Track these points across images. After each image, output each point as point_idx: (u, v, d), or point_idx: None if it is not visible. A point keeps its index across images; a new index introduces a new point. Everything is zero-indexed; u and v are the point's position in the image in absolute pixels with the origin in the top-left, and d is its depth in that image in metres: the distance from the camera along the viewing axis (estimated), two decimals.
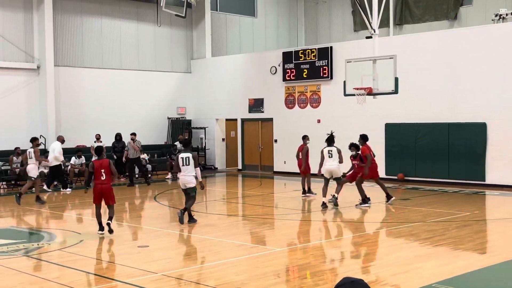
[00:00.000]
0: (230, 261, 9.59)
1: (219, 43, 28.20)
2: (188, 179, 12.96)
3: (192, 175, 12.95)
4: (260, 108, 25.08)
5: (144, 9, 25.76)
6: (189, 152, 13.22)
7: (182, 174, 12.99)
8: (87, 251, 10.38)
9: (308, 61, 23.12)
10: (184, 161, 12.90)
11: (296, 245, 11.00)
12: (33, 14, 22.89)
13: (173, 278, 8.46)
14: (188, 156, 12.96)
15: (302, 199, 16.55)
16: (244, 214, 15.19)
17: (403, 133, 20.65)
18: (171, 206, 16.44)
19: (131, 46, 25.69)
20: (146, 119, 25.85)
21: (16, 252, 10.27)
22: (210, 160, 26.91)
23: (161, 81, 26.54)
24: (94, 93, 24.36)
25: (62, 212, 15.98)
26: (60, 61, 23.50)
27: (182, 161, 12.90)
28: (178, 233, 12.14)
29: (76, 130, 23.67)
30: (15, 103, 22.49)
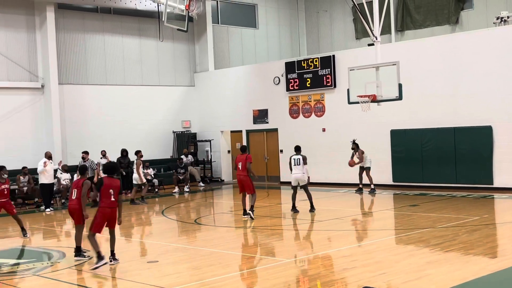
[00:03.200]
0: (240, 273, 9.55)
1: (221, 55, 28.29)
2: (299, 176, 15.63)
3: (302, 172, 15.64)
4: (264, 119, 25.10)
5: (146, 25, 25.89)
6: (299, 155, 15.80)
7: (295, 172, 15.67)
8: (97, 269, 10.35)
9: (311, 70, 23.15)
10: (296, 161, 15.67)
11: (305, 256, 10.96)
12: (36, 33, 23.04)
13: None
14: (299, 157, 15.72)
15: None
16: (252, 225, 15.15)
17: (408, 139, 20.61)
18: (179, 220, 16.42)
19: (134, 62, 25.80)
20: (151, 133, 25.91)
21: (26, 272, 10.27)
22: (216, 173, 26.91)
23: (165, 96, 26.61)
24: (98, 110, 24.45)
25: (70, 229, 15.97)
26: (64, 79, 23.61)
27: (294, 161, 15.69)
28: (187, 247, 12.12)
29: (82, 147, 23.67)
30: (21, 123, 22.59)
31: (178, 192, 23.09)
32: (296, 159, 15.85)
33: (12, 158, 21.75)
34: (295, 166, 15.83)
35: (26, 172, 20.31)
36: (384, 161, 21.22)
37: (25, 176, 20.22)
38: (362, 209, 17.50)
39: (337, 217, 15.00)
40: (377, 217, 15.33)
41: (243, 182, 15.41)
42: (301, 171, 15.74)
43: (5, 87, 22.24)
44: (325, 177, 22.74)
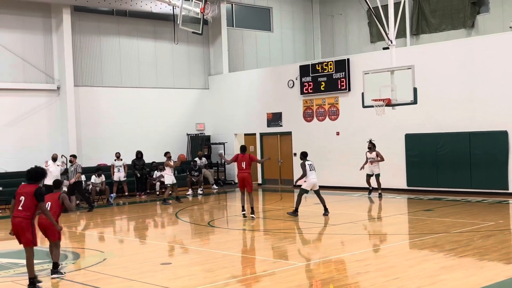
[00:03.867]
0: (253, 276, 9.56)
1: (236, 58, 28.35)
2: (316, 181, 15.81)
3: None
4: (278, 122, 25.10)
5: (161, 28, 26.02)
6: (310, 160, 16.11)
7: (311, 177, 15.74)
8: (111, 270, 10.41)
9: (326, 73, 23.12)
10: (311, 167, 15.82)
11: (319, 259, 10.94)
12: (53, 36, 23.24)
13: None
14: (311, 163, 15.98)
15: None
16: (265, 228, 15.15)
17: (423, 143, 20.52)
18: (193, 222, 16.46)
19: (149, 64, 25.92)
20: (165, 136, 26.00)
21: (40, 272, 10.34)
22: (230, 176, 26.94)
23: (180, 98, 26.71)
24: (113, 112, 24.60)
25: (85, 230, 16.09)
26: (80, 81, 23.78)
27: (310, 167, 15.81)
28: (200, 250, 12.15)
29: (96, 149, 23.90)
30: (37, 124, 22.78)
31: (191, 194, 23.15)
32: (310, 165, 15.93)
33: (28, 159, 21.89)
34: (312, 171, 15.87)
35: None
36: (398, 166, 21.13)
37: None
38: (376, 213, 17.44)
39: (350, 221, 14.96)
40: (391, 221, 15.27)
41: (246, 180, 16.05)
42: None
43: (21, 89, 22.45)
44: (339, 181, 22.69)
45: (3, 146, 21.62)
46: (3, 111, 22.02)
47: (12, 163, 21.55)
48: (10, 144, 21.96)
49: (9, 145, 21.91)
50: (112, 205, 20.81)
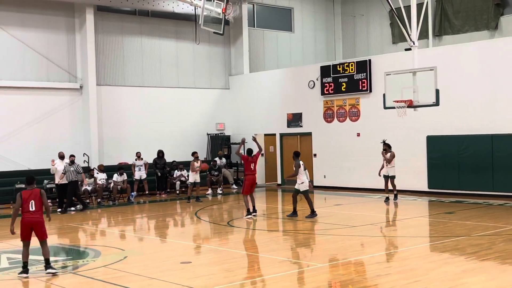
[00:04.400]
0: (272, 277, 9.56)
1: (256, 59, 28.38)
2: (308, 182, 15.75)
3: None
4: (298, 122, 25.07)
5: (183, 28, 26.13)
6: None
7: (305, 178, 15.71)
8: (131, 268, 10.49)
9: (347, 74, 23.04)
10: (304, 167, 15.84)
11: (338, 261, 10.91)
12: (76, 35, 23.47)
13: None
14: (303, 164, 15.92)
15: None
16: (284, 229, 15.15)
17: (445, 145, 20.34)
18: (212, 221, 16.50)
19: (171, 64, 26.06)
20: (185, 135, 26.12)
21: (62, 269, 10.46)
22: None
23: (200, 98, 26.81)
24: (135, 111, 24.77)
25: (106, 228, 16.23)
26: (102, 81, 23.99)
27: (304, 167, 15.81)
28: (219, 249, 12.18)
29: (118, 148, 24.09)
30: (59, 122, 23.02)
31: (211, 194, 23.22)
32: (304, 164, 15.90)
33: (50, 157, 22.15)
34: (305, 171, 15.92)
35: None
36: (419, 168, 20.98)
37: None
38: (396, 215, 17.33)
39: (370, 223, 14.89)
40: (412, 223, 15.16)
41: (255, 182, 16.67)
42: None
43: (45, 87, 22.71)
44: (359, 182, 22.60)
45: (26, 144, 21.87)
46: (27, 109, 22.29)
47: (34, 160, 21.79)
48: (33, 142, 22.21)
49: (32, 142, 22.17)
50: (133, 204, 20.95)
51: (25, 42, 22.29)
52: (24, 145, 21.74)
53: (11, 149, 21.26)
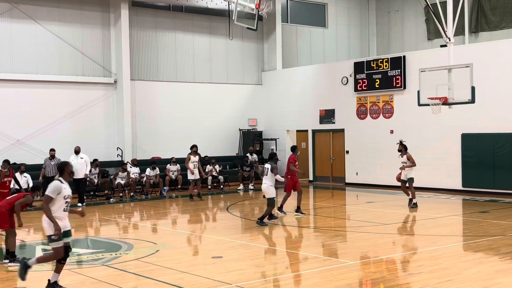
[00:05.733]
0: (303, 273, 9.55)
1: (289, 54, 28.32)
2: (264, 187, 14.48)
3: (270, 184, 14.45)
4: (331, 119, 24.95)
5: (216, 23, 26.21)
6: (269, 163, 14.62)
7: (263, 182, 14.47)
8: (163, 261, 10.59)
9: (381, 71, 22.83)
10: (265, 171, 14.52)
11: (369, 258, 10.84)
12: (111, 30, 23.74)
13: None
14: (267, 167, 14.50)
15: None
16: (316, 226, 15.10)
17: (480, 143, 20.02)
18: (243, 217, 16.55)
19: (204, 60, 26.17)
20: (218, 131, 26.23)
21: (95, 262, 10.61)
22: (281, 172, 26.81)
23: (233, 93, 26.88)
24: (168, 106, 24.96)
25: (138, 222, 16.40)
26: (136, 75, 24.23)
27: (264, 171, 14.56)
28: (251, 244, 12.21)
29: (151, 142, 24.30)
30: (94, 116, 23.33)
31: (242, 189, 23.29)
32: (265, 169, 14.58)
33: (84, 150, 22.47)
34: (264, 176, 14.55)
35: (97, 164, 20.96)
36: (453, 166, 20.70)
37: (96, 168, 20.86)
38: (430, 213, 17.12)
39: (403, 221, 14.75)
40: (445, 222, 14.97)
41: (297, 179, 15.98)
42: (268, 183, 14.34)
43: (80, 82, 23.03)
44: (392, 180, 22.35)
45: (61, 137, 22.21)
46: (62, 103, 22.64)
47: (69, 154, 22.09)
48: (68, 135, 22.55)
49: (67, 136, 22.50)
50: (165, 198, 21.14)
51: (62, 37, 22.63)
52: (60, 139, 22.08)
53: (47, 142, 21.60)
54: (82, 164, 19.08)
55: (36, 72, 22.16)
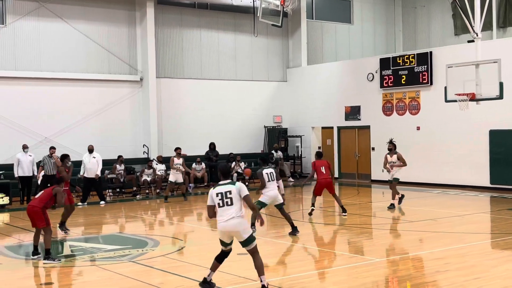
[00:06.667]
0: (329, 270, 9.53)
1: (315, 51, 28.22)
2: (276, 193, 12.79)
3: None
4: (356, 115, 24.81)
5: (241, 20, 26.23)
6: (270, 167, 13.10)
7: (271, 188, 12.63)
8: (189, 258, 10.65)
9: (407, 67, 22.63)
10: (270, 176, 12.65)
11: (395, 256, 10.77)
12: (136, 28, 23.91)
13: (273, 286, 8.51)
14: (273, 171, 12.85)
15: None
16: (341, 223, 15.05)
17: (508, 140, 19.73)
18: (269, 214, 16.55)
19: (229, 57, 26.22)
20: (243, 128, 26.27)
21: (122, 258, 10.72)
22: (306, 168, 26.88)
23: (258, 91, 26.89)
24: (193, 103, 25.08)
25: (164, 219, 16.51)
26: (162, 73, 24.37)
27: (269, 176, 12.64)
28: (276, 241, 12.21)
29: (176, 139, 24.40)
30: (120, 114, 23.54)
31: None
32: (270, 173, 12.60)
33: (110, 147, 22.76)
34: (271, 181, 12.57)
35: (122, 160, 21.15)
36: (481, 163, 20.44)
37: (121, 164, 21.05)
38: (457, 211, 16.94)
39: (429, 218, 14.62)
40: (473, 220, 14.79)
41: (329, 185, 15.16)
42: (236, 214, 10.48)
43: (106, 80, 23.25)
44: (418, 177, 22.19)
45: (88, 134, 22.43)
46: (89, 100, 22.88)
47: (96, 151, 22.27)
48: (95, 133, 22.78)
49: (94, 133, 22.74)
50: (190, 195, 21.24)
51: (88, 35, 22.86)
52: (87, 136, 22.29)
53: (74, 140, 21.88)
54: (94, 163, 18.67)
55: (63, 70, 22.42)
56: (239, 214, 8.02)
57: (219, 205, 8.05)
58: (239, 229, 8.04)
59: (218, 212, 8.06)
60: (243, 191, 8.09)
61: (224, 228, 8.06)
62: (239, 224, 8.04)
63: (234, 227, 8.00)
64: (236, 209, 8.01)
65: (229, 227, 8.02)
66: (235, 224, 7.99)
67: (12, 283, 9.32)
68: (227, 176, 8.31)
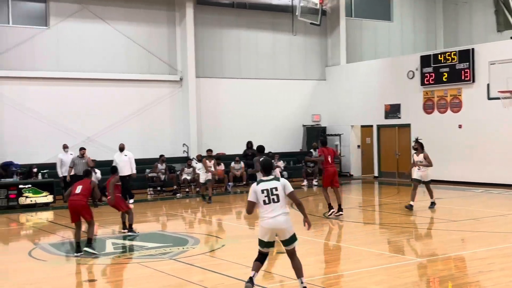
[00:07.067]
0: (369, 270, 9.46)
1: (353, 49, 28.02)
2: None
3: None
4: (396, 114, 24.54)
5: (280, 19, 26.21)
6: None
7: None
8: (229, 256, 10.71)
9: (448, 64, 22.27)
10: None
11: (437, 256, 10.62)
12: (176, 28, 24.14)
13: (313, 285, 8.50)
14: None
15: None
16: (381, 222, 14.92)
17: None
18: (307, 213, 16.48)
19: (267, 56, 26.25)
20: (281, 127, 26.26)
21: (163, 256, 10.85)
22: (345, 167, 26.75)
23: (296, 89, 26.85)
24: (232, 102, 25.20)
25: (204, 217, 16.64)
26: (201, 73, 24.55)
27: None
28: (315, 240, 12.18)
29: (216, 138, 24.59)
30: (160, 113, 23.81)
31: (306, 185, 23.24)
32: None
33: (151, 146, 23.08)
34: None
35: (163, 159, 21.38)
36: None
37: (163, 163, 21.29)
38: (500, 210, 16.61)
39: (472, 218, 14.37)
40: None
41: (335, 174, 15.03)
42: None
43: (147, 80, 23.55)
44: (461, 176, 21.84)
45: (129, 134, 22.75)
46: (130, 101, 23.21)
47: (136, 150, 22.58)
48: (135, 132, 23.11)
49: (134, 133, 23.07)
50: (230, 193, 21.35)
51: (129, 36, 23.19)
52: (128, 135, 22.60)
53: (116, 139, 22.18)
54: (125, 162, 18.72)
55: (105, 71, 22.79)
56: (286, 211, 7.87)
57: (265, 202, 7.79)
58: (285, 226, 7.82)
59: (263, 209, 7.80)
60: (288, 188, 7.95)
61: (270, 225, 7.77)
62: (286, 221, 7.82)
63: (281, 224, 7.78)
64: (282, 206, 7.84)
65: (276, 224, 7.77)
66: (282, 221, 7.78)
67: (56, 280, 9.54)
68: (269, 172, 8.04)
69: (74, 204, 11.09)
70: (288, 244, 7.97)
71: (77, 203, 11.06)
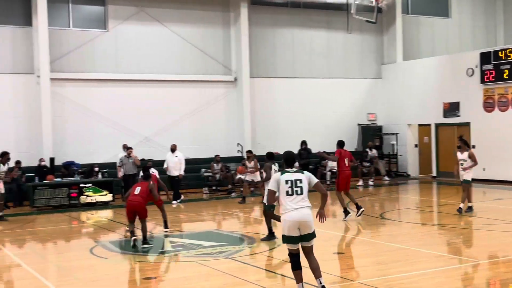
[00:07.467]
0: (428, 272, 9.29)
1: (410, 46, 27.55)
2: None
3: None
4: (455, 112, 24.00)
5: (334, 17, 26.02)
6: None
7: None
8: (284, 256, 10.68)
9: (509, 61, 21.64)
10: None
11: (498, 258, 10.34)
12: (231, 29, 24.30)
13: (370, 287, 8.41)
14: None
15: None
16: (440, 223, 14.62)
17: None
18: (364, 213, 16.33)
19: (321, 55, 26.11)
20: (336, 126, 26.05)
21: (220, 254, 10.95)
22: (402, 167, 26.33)
23: (351, 88, 26.60)
24: (286, 102, 25.18)
25: (259, 217, 16.69)
26: (255, 73, 24.63)
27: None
28: (372, 241, 12.06)
29: (270, 138, 24.63)
30: (215, 114, 24.02)
31: (362, 185, 23.01)
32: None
33: (206, 146, 23.32)
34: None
35: (218, 159, 21.57)
36: None
37: (218, 163, 21.48)
38: None
39: None
40: None
41: (349, 178, 14.80)
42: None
43: (202, 80, 23.80)
44: None
45: (184, 134, 23.06)
46: (185, 101, 23.51)
47: (191, 150, 22.93)
48: (190, 132, 23.40)
49: (189, 133, 23.36)
50: None
51: (184, 37, 23.49)
52: (183, 136, 22.93)
53: (171, 139, 22.48)
54: (176, 162, 19.10)
55: (161, 72, 23.17)
56: (308, 205, 7.67)
57: (288, 193, 7.58)
58: (310, 219, 7.57)
59: (285, 200, 7.57)
60: (313, 179, 7.80)
61: (294, 218, 7.51)
62: (309, 214, 7.58)
63: (306, 216, 7.55)
64: (305, 199, 7.65)
65: (301, 216, 7.53)
66: (307, 214, 7.56)
67: (117, 277, 9.76)
68: (291, 164, 7.89)
69: (133, 204, 11.80)
70: (308, 239, 7.73)
71: (135, 204, 11.78)
